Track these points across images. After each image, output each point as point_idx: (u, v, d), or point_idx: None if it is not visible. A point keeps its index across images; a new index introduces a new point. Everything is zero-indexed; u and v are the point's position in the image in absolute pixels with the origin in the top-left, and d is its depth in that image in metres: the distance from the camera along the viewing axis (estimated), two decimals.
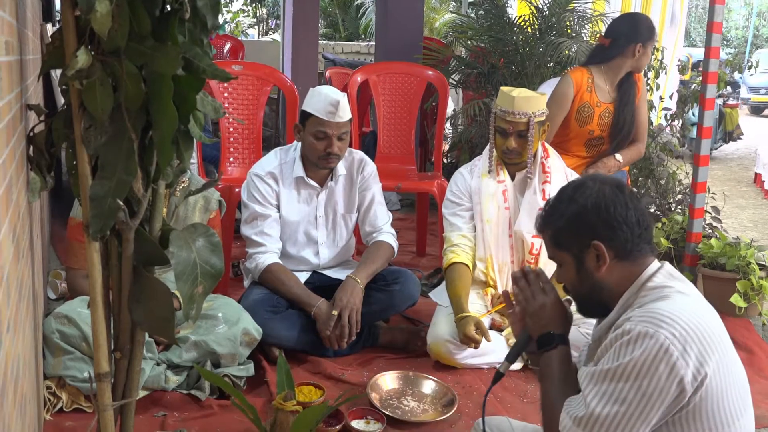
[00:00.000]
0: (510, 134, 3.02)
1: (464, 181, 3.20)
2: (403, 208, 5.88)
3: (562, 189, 1.78)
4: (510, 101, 2.98)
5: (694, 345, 1.47)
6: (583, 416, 1.54)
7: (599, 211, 1.66)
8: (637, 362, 1.48)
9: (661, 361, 1.46)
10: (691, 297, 1.61)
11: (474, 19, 5.68)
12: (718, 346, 1.52)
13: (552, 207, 1.76)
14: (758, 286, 3.55)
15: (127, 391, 1.72)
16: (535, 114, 2.98)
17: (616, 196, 1.66)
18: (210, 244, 1.62)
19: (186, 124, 1.60)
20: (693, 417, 1.51)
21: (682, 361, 1.46)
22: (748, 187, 8.42)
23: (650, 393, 1.47)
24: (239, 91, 4.25)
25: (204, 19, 1.53)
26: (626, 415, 1.50)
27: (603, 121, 3.71)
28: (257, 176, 3.13)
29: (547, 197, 3.08)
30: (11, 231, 1.50)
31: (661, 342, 1.46)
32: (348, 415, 2.50)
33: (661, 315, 1.51)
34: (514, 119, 2.98)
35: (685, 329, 1.48)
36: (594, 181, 1.71)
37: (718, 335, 1.53)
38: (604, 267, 1.66)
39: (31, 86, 2.21)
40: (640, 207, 1.69)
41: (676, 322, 1.49)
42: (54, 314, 2.53)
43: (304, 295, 3.03)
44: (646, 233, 1.68)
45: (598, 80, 3.71)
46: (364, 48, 10.85)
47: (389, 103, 4.75)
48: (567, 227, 1.70)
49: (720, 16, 3.77)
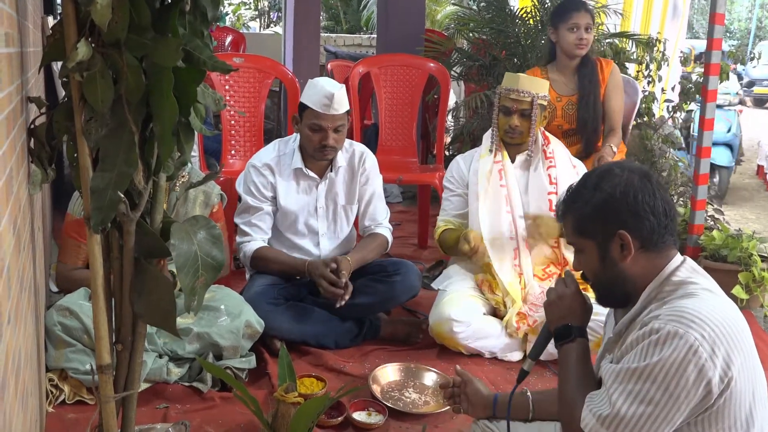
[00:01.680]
0: (513, 112, 3.12)
1: (459, 168, 3.30)
2: (404, 200, 5.87)
3: (586, 175, 1.74)
4: (515, 80, 3.11)
5: (722, 346, 1.46)
6: (608, 415, 1.51)
7: (627, 199, 1.61)
8: (665, 363, 1.45)
9: (689, 363, 1.44)
10: (718, 295, 1.58)
11: (476, 12, 5.66)
12: (744, 347, 1.51)
13: (576, 193, 1.71)
14: (760, 278, 3.54)
15: (128, 383, 1.73)
16: (539, 96, 3.10)
17: (644, 185, 1.62)
18: (211, 237, 1.62)
19: (187, 117, 1.60)
20: (716, 418, 1.50)
21: (711, 363, 1.44)
22: (750, 179, 8.40)
23: (677, 394, 1.46)
24: (240, 83, 4.25)
25: (204, 10, 1.53)
26: (652, 416, 1.48)
27: (568, 114, 3.74)
28: (254, 168, 3.16)
29: (555, 181, 3.11)
30: (12, 223, 1.50)
31: (691, 343, 1.44)
32: (349, 407, 2.51)
33: (691, 314, 1.48)
34: (518, 97, 3.09)
35: (714, 330, 1.46)
36: (622, 169, 1.67)
37: (743, 335, 1.52)
38: (630, 257, 1.63)
39: (32, 78, 2.21)
40: (667, 197, 1.65)
41: (705, 322, 1.46)
42: (56, 306, 2.54)
43: (295, 261, 3.11)
44: (672, 224, 1.64)
45: (552, 75, 3.78)
46: (366, 40, 10.81)
47: (391, 96, 4.74)
48: (592, 214, 1.66)
49: (722, 7, 3.76)
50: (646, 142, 4.69)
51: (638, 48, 5.08)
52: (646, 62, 5.03)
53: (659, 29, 7.55)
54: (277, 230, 3.22)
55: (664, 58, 5.12)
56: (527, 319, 2.98)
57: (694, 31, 22.75)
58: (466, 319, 2.96)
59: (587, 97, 3.71)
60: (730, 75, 5.22)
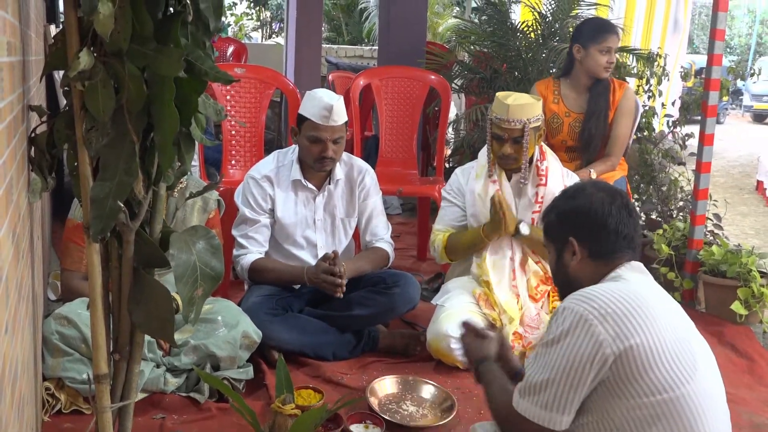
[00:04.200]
0: (505, 141, 3.04)
1: (458, 181, 3.28)
2: (404, 212, 5.87)
3: (567, 188, 2.00)
4: (504, 109, 2.99)
5: (615, 316, 1.63)
6: (523, 386, 1.72)
7: (585, 213, 1.85)
8: (562, 332, 1.66)
9: (578, 327, 1.64)
10: (630, 282, 1.76)
11: (477, 25, 5.67)
12: (648, 320, 1.64)
13: (553, 201, 1.98)
14: (759, 293, 3.54)
15: (125, 392, 1.72)
16: (530, 120, 2.99)
17: (603, 205, 1.83)
18: (210, 247, 1.62)
19: (187, 127, 1.61)
20: (627, 385, 1.62)
21: (600, 327, 1.62)
22: (750, 194, 8.42)
23: (574, 359, 1.63)
24: (241, 93, 4.26)
25: (206, 21, 1.53)
26: (556, 381, 1.66)
27: (573, 131, 3.71)
28: (253, 179, 3.16)
29: (541, 200, 3.09)
30: (11, 231, 1.50)
31: (581, 313, 1.65)
32: (347, 419, 2.50)
33: (587, 294, 1.69)
34: (509, 126, 3.00)
35: (606, 302, 1.65)
36: (595, 188, 1.90)
37: (650, 313, 1.65)
38: (576, 262, 1.86)
39: (34, 87, 2.21)
40: (627, 218, 1.84)
41: (598, 298, 1.66)
42: (53, 315, 2.53)
43: (293, 269, 3.11)
44: (625, 242, 1.83)
45: (565, 90, 3.75)
46: (367, 52, 10.85)
47: (391, 108, 4.75)
48: (556, 221, 1.93)
49: (723, 23, 3.77)
50: (646, 157, 4.69)
51: (639, 62, 5.09)
52: (647, 77, 5.04)
53: (660, 44, 7.60)
54: (276, 242, 3.22)
55: (664, 72, 5.14)
56: (522, 340, 3.00)
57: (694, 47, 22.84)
58: None
59: (595, 117, 3.67)
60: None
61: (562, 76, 3.80)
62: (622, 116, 3.71)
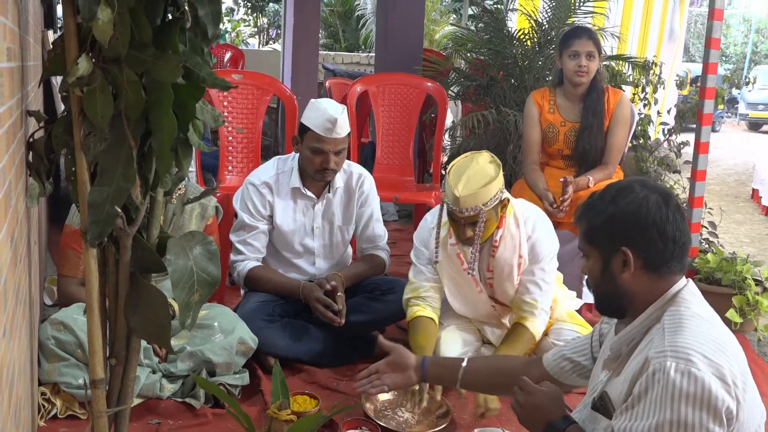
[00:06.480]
0: (462, 225, 2.72)
1: (427, 230, 2.94)
2: (400, 218, 5.88)
3: (607, 186, 1.74)
4: (456, 200, 2.63)
5: (731, 373, 1.49)
6: None
7: (637, 218, 1.63)
8: (684, 403, 1.46)
9: (706, 401, 1.46)
10: (713, 324, 1.61)
11: (474, 32, 5.70)
12: (746, 370, 1.55)
13: (593, 202, 1.73)
14: (754, 301, 3.55)
15: (121, 398, 1.72)
16: (487, 204, 2.64)
17: (659, 208, 1.63)
18: (207, 252, 1.62)
19: (185, 133, 1.61)
20: None
21: (724, 393, 1.46)
22: (745, 202, 8.43)
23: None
24: (239, 100, 4.26)
25: (205, 28, 1.54)
26: None
27: (570, 141, 3.69)
28: (252, 185, 3.14)
29: (491, 268, 2.84)
30: (9, 236, 1.51)
31: (702, 380, 1.46)
32: (342, 426, 2.50)
33: (694, 349, 1.50)
34: (462, 215, 2.66)
35: (719, 360, 1.49)
36: (642, 187, 1.68)
37: (743, 360, 1.57)
38: (628, 274, 1.65)
39: (32, 92, 2.22)
40: (681, 224, 1.65)
41: (711, 356, 1.49)
42: (50, 320, 2.53)
43: (290, 283, 3.11)
44: (680, 251, 1.65)
45: (560, 99, 3.74)
46: (364, 59, 10.87)
47: (388, 114, 4.76)
48: (602, 226, 1.68)
49: (718, 32, 3.79)
50: (641, 165, 4.71)
51: (634, 70, 5.12)
52: (642, 85, 5.07)
53: (655, 52, 7.64)
54: (274, 248, 3.22)
55: (660, 80, 5.16)
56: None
57: (690, 55, 22.91)
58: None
59: (589, 128, 3.64)
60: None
61: (557, 85, 3.81)
62: (618, 125, 3.68)
